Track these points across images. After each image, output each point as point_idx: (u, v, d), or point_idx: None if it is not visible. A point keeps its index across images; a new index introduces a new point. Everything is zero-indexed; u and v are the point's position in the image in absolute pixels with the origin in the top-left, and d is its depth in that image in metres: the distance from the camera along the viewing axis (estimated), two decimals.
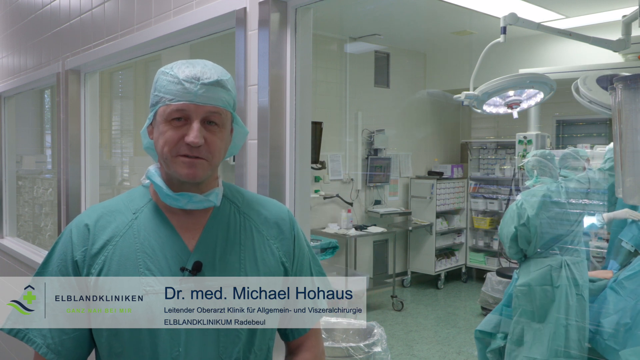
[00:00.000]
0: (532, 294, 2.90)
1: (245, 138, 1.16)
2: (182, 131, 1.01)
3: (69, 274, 1.05)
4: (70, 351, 1.05)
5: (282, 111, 1.61)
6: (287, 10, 1.61)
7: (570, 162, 3.00)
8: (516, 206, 2.97)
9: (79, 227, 1.07)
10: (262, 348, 1.10)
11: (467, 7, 4.33)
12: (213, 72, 1.03)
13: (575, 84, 2.74)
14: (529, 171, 3.07)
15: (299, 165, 1.64)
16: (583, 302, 2.85)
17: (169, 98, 1.01)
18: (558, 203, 2.88)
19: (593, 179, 2.89)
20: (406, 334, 4.96)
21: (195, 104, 1.00)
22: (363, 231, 5.63)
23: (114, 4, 2.43)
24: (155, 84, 1.05)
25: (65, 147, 2.87)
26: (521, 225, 2.92)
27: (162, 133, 1.03)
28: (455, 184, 6.69)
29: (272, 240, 1.13)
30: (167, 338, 1.01)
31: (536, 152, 3.10)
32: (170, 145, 1.01)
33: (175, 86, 1.01)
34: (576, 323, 2.82)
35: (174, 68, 1.03)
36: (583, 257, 2.93)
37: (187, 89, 1.00)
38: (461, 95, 2.61)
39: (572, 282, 2.86)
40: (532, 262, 2.95)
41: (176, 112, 1.01)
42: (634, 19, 2.05)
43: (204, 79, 1.01)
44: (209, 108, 1.01)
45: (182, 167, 1.02)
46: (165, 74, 1.03)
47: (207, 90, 1.01)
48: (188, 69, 1.02)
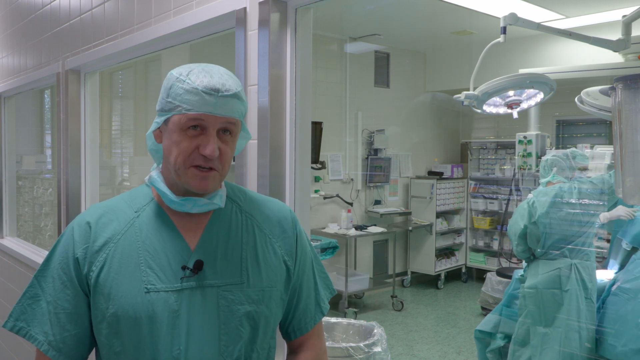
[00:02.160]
0: (540, 297, 2.85)
1: (247, 141, 1.16)
2: (197, 141, 1.01)
3: (71, 271, 1.05)
4: (72, 348, 1.06)
5: (282, 111, 1.61)
6: (287, 10, 1.61)
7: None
8: (527, 204, 2.92)
9: (80, 224, 1.08)
10: (264, 347, 1.10)
11: (467, 7, 4.34)
12: (231, 83, 1.02)
13: (579, 97, 2.74)
14: (545, 168, 3.03)
15: (299, 165, 1.64)
16: (592, 306, 2.81)
17: (186, 107, 1.00)
18: (570, 204, 2.86)
19: (608, 181, 2.86)
20: (406, 334, 4.96)
21: (213, 115, 1.00)
22: (363, 231, 5.63)
23: (114, 4, 2.43)
24: (169, 90, 1.03)
25: (65, 147, 2.87)
26: (532, 224, 2.87)
27: (175, 143, 1.02)
28: (455, 184, 6.69)
29: (274, 239, 1.13)
30: (167, 336, 1.01)
31: (557, 153, 3.08)
32: (184, 155, 1.01)
33: (193, 96, 0.99)
34: (586, 327, 2.78)
35: (190, 76, 1.01)
36: (592, 260, 2.89)
37: (206, 100, 0.99)
38: (461, 95, 2.61)
39: (582, 286, 2.81)
40: (541, 264, 2.90)
41: (192, 121, 1.00)
42: (634, 19, 2.05)
43: (223, 91, 1.00)
44: (227, 119, 1.01)
45: (194, 179, 1.02)
46: (181, 82, 1.01)
47: (225, 102, 1.00)
48: (206, 78, 1.00)
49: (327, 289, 1.22)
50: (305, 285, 1.18)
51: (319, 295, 1.20)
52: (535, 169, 3.65)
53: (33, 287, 1.08)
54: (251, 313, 1.06)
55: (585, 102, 2.67)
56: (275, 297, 1.10)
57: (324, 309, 1.20)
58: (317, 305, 1.19)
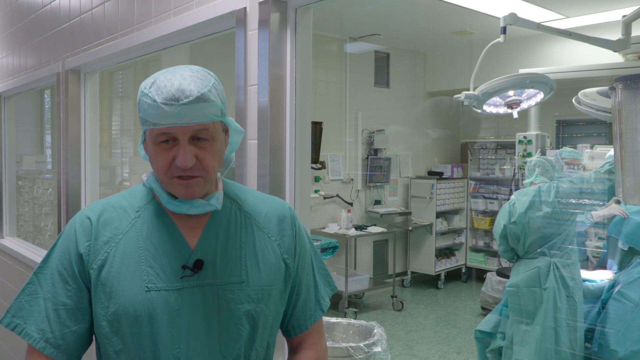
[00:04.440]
0: (520, 295, 2.91)
1: (242, 136, 1.16)
2: (172, 153, 1.00)
3: (72, 266, 1.05)
4: (71, 345, 1.05)
5: (282, 111, 1.61)
6: (287, 10, 1.61)
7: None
8: (509, 204, 2.99)
9: (82, 220, 1.08)
10: (263, 345, 1.11)
11: (467, 7, 4.34)
12: (192, 87, 0.96)
13: (576, 98, 2.75)
14: (529, 169, 3.07)
15: (299, 165, 1.64)
16: (574, 304, 2.84)
17: (152, 122, 0.98)
18: (548, 202, 2.88)
19: (588, 180, 2.88)
20: (406, 334, 4.96)
21: (178, 126, 0.97)
22: (363, 231, 5.63)
23: (114, 4, 2.43)
24: (139, 105, 1.01)
25: (65, 147, 2.87)
26: (511, 223, 2.93)
27: (154, 156, 1.02)
28: (455, 184, 6.69)
29: (273, 238, 1.13)
30: (168, 335, 1.02)
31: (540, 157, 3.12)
32: (164, 168, 1.01)
33: (155, 110, 0.96)
34: (567, 325, 2.81)
35: (152, 88, 0.98)
36: (575, 258, 2.92)
37: (167, 112, 0.95)
38: (461, 95, 2.61)
39: (562, 284, 2.85)
40: (523, 263, 2.96)
41: (162, 136, 0.99)
42: (634, 19, 2.05)
43: (183, 98, 0.95)
44: (194, 127, 0.98)
45: (179, 188, 1.02)
46: (144, 96, 0.99)
47: (189, 109, 0.96)
48: (166, 88, 0.96)
49: (327, 285, 1.22)
50: (305, 282, 1.17)
51: (318, 292, 1.19)
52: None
53: (32, 283, 1.08)
54: (251, 312, 1.06)
55: (582, 102, 2.67)
56: (274, 296, 1.10)
57: (323, 306, 1.20)
58: (316, 302, 1.19)
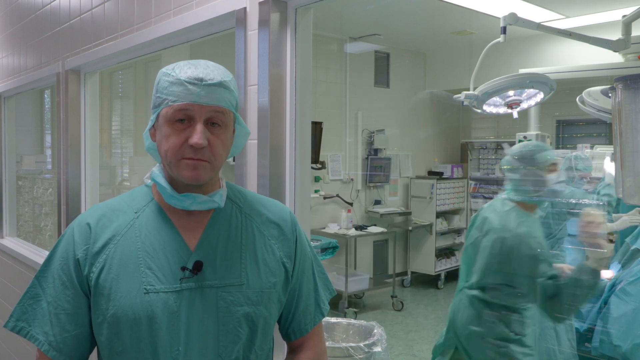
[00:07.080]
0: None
1: (247, 138, 1.16)
2: (185, 134, 1.01)
3: (71, 272, 1.05)
4: (72, 349, 1.06)
5: (282, 111, 1.61)
6: (287, 10, 1.61)
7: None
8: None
9: (80, 225, 1.08)
10: (263, 348, 1.10)
11: (467, 7, 4.34)
12: (216, 73, 1.02)
13: (580, 97, 2.75)
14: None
15: (299, 165, 1.64)
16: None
17: (172, 99, 1.01)
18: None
19: (575, 195, 2.95)
20: (406, 334, 4.96)
21: (198, 104, 1.00)
22: (363, 231, 5.63)
23: (114, 4, 2.43)
24: (157, 86, 1.05)
25: (65, 147, 2.86)
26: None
27: (165, 136, 1.02)
28: (455, 184, 6.69)
29: (273, 241, 1.13)
30: (167, 337, 1.01)
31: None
32: (174, 149, 1.01)
33: (177, 87, 1.00)
34: (565, 324, 2.82)
35: (175, 69, 1.03)
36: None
37: (190, 90, 1.00)
38: (461, 95, 2.61)
39: None
40: None
41: (179, 113, 1.00)
42: (634, 19, 2.05)
43: (207, 79, 1.00)
44: (213, 108, 1.01)
45: (186, 169, 1.02)
46: (167, 75, 1.03)
47: (210, 91, 1.00)
48: (190, 69, 1.01)
49: (327, 290, 1.22)
50: (305, 286, 1.17)
51: (319, 296, 1.20)
52: None
53: (34, 287, 1.08)
54: (250, 314, 1.06)
55: (586, 102, 2.67)
56: (273, 299, 1.10)
57: (324, 310, 1.20)
58: (317, 306, 1.19)
